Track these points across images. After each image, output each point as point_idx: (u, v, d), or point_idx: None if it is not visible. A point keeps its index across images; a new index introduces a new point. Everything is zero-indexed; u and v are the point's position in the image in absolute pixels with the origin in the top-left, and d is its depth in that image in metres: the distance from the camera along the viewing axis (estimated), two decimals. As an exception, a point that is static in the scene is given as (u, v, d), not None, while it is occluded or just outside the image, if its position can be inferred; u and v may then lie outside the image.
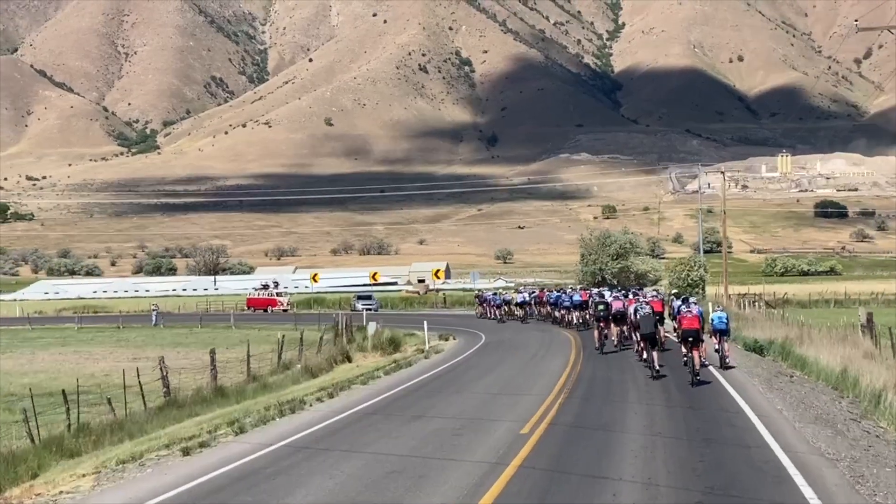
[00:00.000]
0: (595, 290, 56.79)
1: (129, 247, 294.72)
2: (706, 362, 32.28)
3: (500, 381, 33.40)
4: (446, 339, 53.91)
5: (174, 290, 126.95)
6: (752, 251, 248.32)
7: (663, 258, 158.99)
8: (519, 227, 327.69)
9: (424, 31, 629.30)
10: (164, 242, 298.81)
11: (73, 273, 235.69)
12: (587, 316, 54.66)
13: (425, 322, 53.64)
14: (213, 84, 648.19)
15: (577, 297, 57.86)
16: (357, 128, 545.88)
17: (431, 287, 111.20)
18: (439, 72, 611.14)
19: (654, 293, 41.62)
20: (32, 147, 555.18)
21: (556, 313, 62.40)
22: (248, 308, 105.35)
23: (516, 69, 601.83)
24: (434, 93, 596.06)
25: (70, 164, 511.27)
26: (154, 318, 78.40)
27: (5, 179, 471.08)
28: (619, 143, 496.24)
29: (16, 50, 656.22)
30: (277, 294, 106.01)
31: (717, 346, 34.80)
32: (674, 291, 52.39)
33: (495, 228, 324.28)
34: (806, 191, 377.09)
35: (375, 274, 78.66)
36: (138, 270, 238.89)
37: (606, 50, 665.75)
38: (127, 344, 58.60)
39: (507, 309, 73.56)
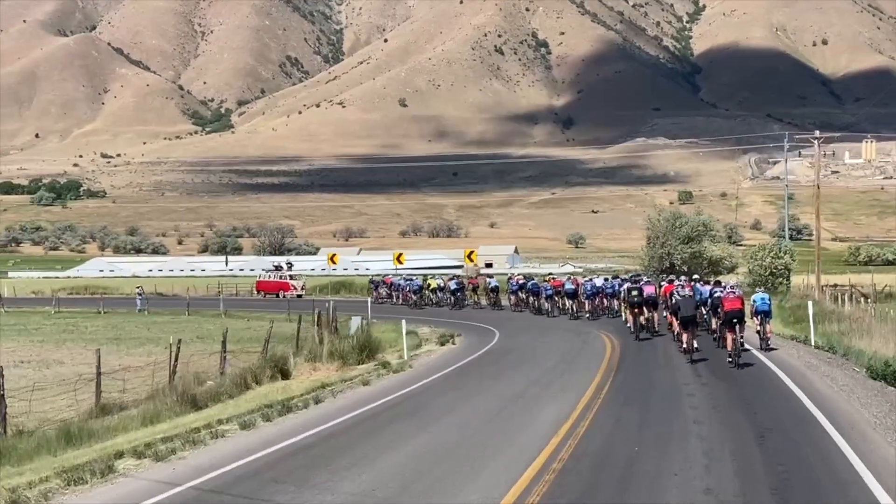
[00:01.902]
0: (623, 277, 54.68)
1: (198, 226, 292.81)
2: (746, 345, 32.30)
3: (469, 426, 21.04)
4: (445, 342, 40.32)
5: (231, 269, 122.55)
6: (833, 239, 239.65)
7: (740, 245, 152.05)
8: (592, 211, 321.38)
9: (501, 12, 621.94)
10: (233, 222, 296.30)
11: (138, 251, 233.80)
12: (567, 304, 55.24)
13: (429, 323, 47.37)
14: (288, 64, 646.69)
15: (569, 286, 55.43)
16: (431, 109, 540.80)
17: (482, 272, 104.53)
18: (515, 53, 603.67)
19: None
20: (108, 125, 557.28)
21: (539, 301, 59.12)
22: (258, 292, 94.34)
23: (594, 51, 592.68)
24: (510, 74, 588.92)
25: (144, 143, 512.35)
26: (138, 302, 70.76)
27: (80, 157, 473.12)
28: (698, 127, 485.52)
29: (94, 28, 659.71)
30: (291, 277, 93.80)
31: (758, 328, 34.33)
32: (694, 276, 45.67)
33: (568, 213, 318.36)
34: (891, 178, 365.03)
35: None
36: (204, 249, 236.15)
37: (686, 32, 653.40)
38: (72, 335, 49.62)
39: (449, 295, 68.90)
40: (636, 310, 39.56)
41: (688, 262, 71.07)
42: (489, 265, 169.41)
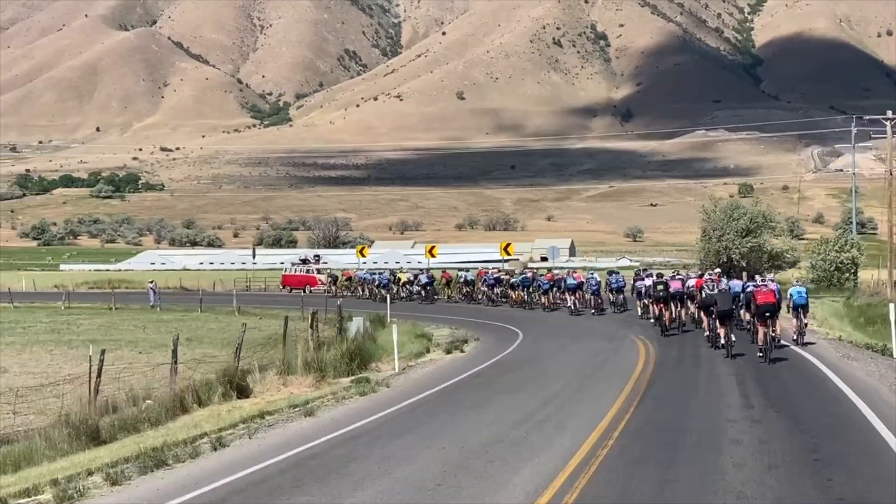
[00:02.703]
0: (642, 272, 51.19)
1: (254, 218, 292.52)
2: (780, 339, 31.56)
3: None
4: (453, 349, 34.94)
5: (281, 262, 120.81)
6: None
7: (802, 238, 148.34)
8: (651, 204, 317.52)
9: (559, 5, 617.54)
10: (289, 215, 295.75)
11: (194, 244, 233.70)
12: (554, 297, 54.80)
13: (423, 325, 43.44)
14: (347, 57, 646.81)
15: (571, 280, 53.25)
16: (489, 102, 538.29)
17: (529, 265, 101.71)
18: (574, 46, 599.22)
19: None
20: (168, 118, 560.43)
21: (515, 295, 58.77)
22: (283, 287, 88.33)
23: (654, 44, 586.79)
24: (568, 67, 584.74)
25: (203, 136, 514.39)
26: (151, 297, 67.12)
27: (140, 150, 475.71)
28: (759, 119, 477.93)
29: (154, 22, 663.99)
30: (318, 271, 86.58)
31: (795, 323, 33.39)
32: (716, 270, 43.09)
33: (626, 206, 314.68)
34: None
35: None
36: (259, 242, 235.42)
37: (748, 24, 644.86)
38: (55, 336, 46.61)
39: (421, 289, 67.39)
40: (661, 305, 38.69)
41: (746, 255, 67.86)
42: (545, 259, 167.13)
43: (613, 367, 29.01)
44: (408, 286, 68.91)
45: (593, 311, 51.23)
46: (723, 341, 30.87)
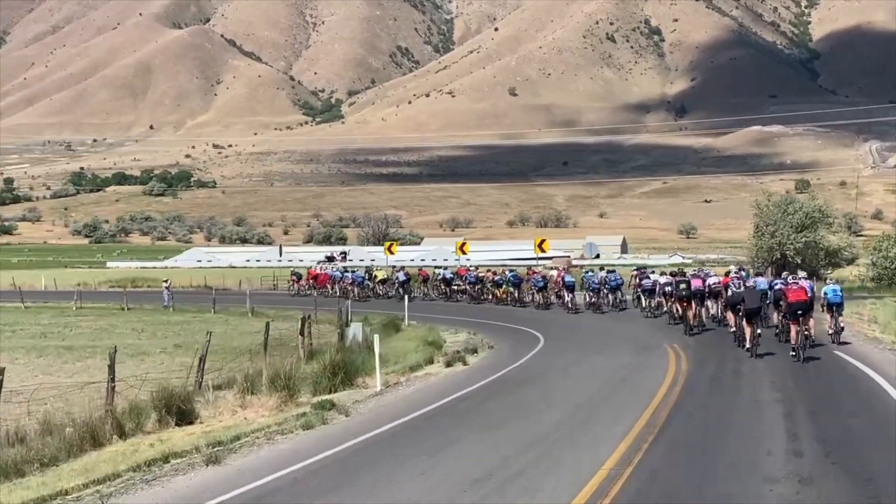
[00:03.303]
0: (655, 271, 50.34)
1: (305, 215, 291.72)
2: (815, 339, 30.27)
3: None
4: (455, 361, 30.43)
5: (373, 260, 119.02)
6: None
7: (860, 235, 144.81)
8: (705, 200, 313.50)
9: (612, 0, 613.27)
10: (340, 212, 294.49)
11: (244, 241, 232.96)
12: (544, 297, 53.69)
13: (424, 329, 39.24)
14: (399, 54, 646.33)
15: (569, 278, 51.86)
16: (541, 98, 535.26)
17: (574, 263, 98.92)
18: (627, 41, 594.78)
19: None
20: (220, 116, 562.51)
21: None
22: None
23: (709, 38, 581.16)
24: (621, 62, 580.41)
25: (255, 133, 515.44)
26: (165, 297, 64.27)
27: (193, 147, 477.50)
28: (816, 114, 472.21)
29: (208, 20, 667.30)
30: (345, 269, 79.79)
31: (831, 322, 32.24)
32: (746, 267, 41.01)
33: (680, 202, 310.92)
34: None
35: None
36: (309, 240, 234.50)
37: (805, 17, 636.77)
38: (39, 340, 43.40)
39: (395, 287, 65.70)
40: (685, 303, 37.51)
41: (802, 252, 64.97)
42: (597, 256, 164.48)
43: (632, 390, 23.78)
44: (383, 284, 67.28)
45: (592, 309, 49.92)
46: (748, 341, 29.78)
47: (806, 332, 28.53)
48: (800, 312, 28.26)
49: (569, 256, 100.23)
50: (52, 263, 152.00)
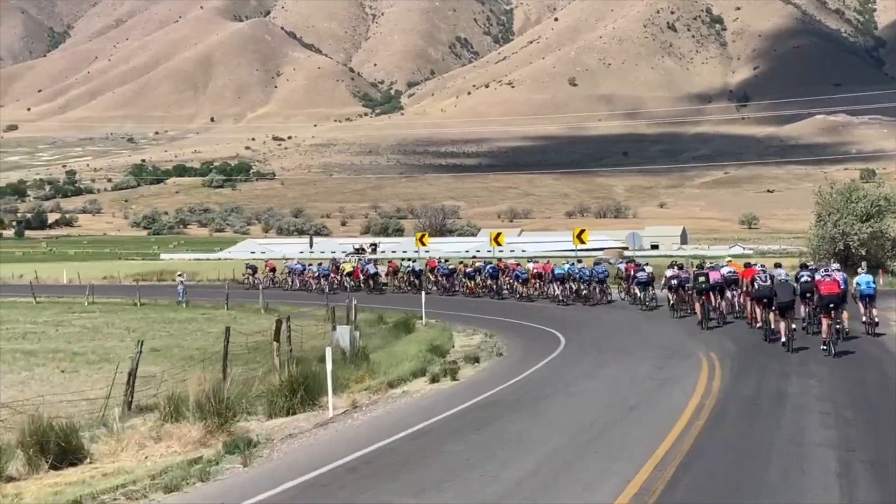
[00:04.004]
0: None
1: (363, 207, 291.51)
2: (848, 331, 29.70)
3: None
4: (443, 377, 25.09)
5: (405, 251, 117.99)
6: None
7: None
8: (768, 190, 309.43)
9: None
10: (398, 203, 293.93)
11: (301, 232, 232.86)
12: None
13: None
14: (458, 45, 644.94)
15: (559, 270, 50.81)
16: (601, 88, 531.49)
17: (627, 254, 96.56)
18: (688, 30, 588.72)
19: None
20: (280, 108, 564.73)
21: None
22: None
23: (772, 27, 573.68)
24: (682, 52, 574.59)
25: (315, 125, 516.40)
26: (179, 292, 61.05)
27: (253, 139, 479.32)
28: (882, 103, 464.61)
29: (268, 13, 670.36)
30: (375, 262, 75.15)
31: (864, 314, 31.04)
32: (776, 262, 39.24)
33: (742, 192, 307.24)
34: None
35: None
36: (366, 231, 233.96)
37: (870, 5, 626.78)
38: (18, 341, 40.25)
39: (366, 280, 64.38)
40: (705, 296, 36.16)
41: (866, 243, 62.45)
42: (655, 247, 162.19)
43: (644, 419, 18.47)
44: (349, 277, 65.83)
45: (571, 301, 48.94)
46: (783, 335, 28.81)
47: (838, 326, 28.08)
48: (832, 305, 27.60)
49: (620, 247, 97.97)
50: (108, 255, 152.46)
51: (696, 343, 30.57)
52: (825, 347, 27.00)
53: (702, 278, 36.30)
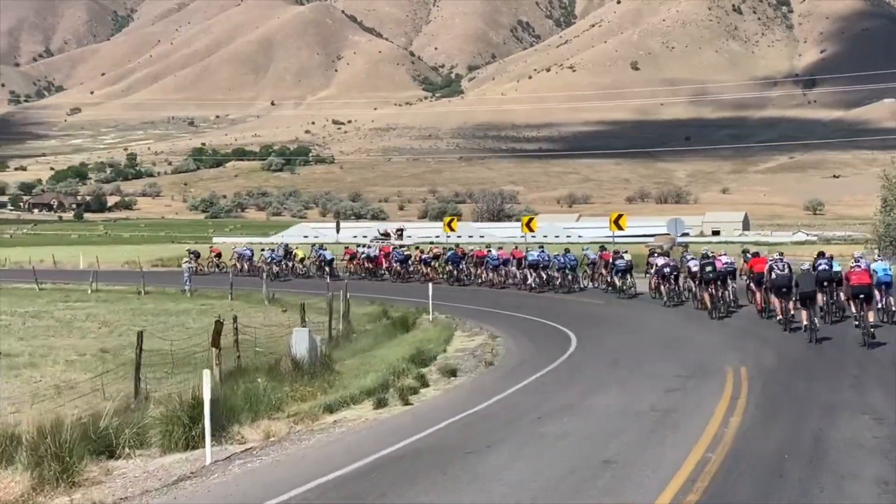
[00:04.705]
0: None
1: (421, 191, 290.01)
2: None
3: None
4: (391, 401, 19.91)
5: (437, 236, 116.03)
6: None
7: None
8: (834, 176, 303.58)
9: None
10: (457, 187, 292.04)
11: (358, 217, 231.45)
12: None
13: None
14: (520, 28, 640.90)
15: (532, 256, 49.70)
16: (664, 72, 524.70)
17: (678, 241, 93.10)
18: (754, 13, 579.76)
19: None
20: (340, 92, 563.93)
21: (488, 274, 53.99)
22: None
23: (840, 9, 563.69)
24: (748, 35, 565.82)
25: (375, 109, 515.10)
26: (185, 279, 56.29)
27: (313, 123, 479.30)
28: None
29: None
30: (402, 247, 71.44)
31: (881, 302, 30.18)
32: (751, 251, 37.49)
33: (807, 178, 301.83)
34: None
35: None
36: (423, 215, 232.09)
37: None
38: None
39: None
40: (713, 286, 34.98)
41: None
42: (716, 233, 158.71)
43: (612, 489, 12.84)
44: (303, 263, 64.85)
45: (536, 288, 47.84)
46: (804, 326, 27.95)
47: (871, 318, 27.16)
48: (862, 296, 27.34)
49: (667, 234, 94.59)
50: (162, 239, 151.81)
51: (730, 353, 25.20)
52: (863, 331, 26.23)
53: (709, 267, 35.04)
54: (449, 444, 15.82)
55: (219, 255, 73.03)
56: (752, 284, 35.40)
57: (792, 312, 29.34)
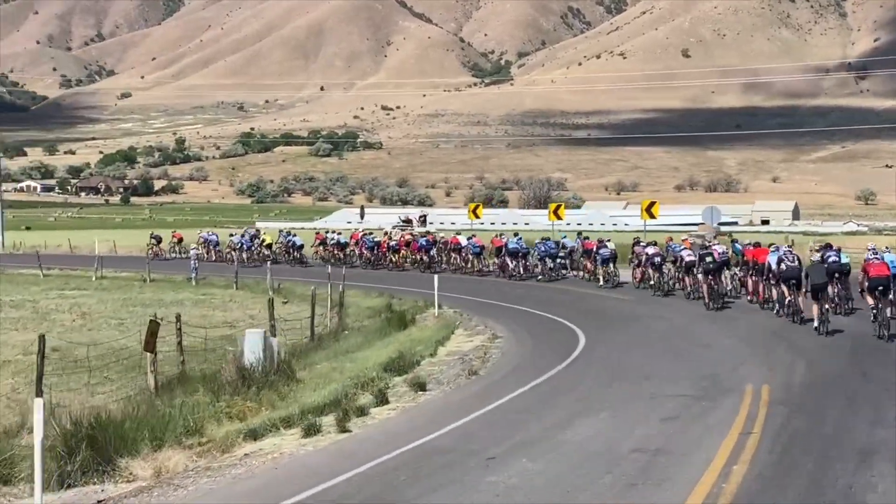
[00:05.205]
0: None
1: (468, 178, 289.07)
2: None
3: None
4: (335, 428, 15.89)
5: (482, 223, 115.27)
6: None
7: None
8: (887, 166, 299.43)
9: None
10: (504, 174, 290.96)
11: (405, 202, 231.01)
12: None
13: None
14: (570, 14, 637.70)
15: (512, 244, 48.53)
16: (715, 60, 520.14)
17: (722, 231, 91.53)
18: (807, 0, 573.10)
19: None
20: (390, 77, 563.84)
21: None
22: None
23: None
24: (800, 22, 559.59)
25: (424, 95, 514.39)
26: (192, 267, 54.33)
27: (362, 109, 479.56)
28: None
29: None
30: (417, 235, 64.78)
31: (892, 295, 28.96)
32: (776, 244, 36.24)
33: (860, 167, 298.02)
34: None
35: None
36: (470, 201, 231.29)
37: None
38: None
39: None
40: (711, 277, 34.43)
41: None
42: (766, 222, 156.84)
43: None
44: (270, 249, 64.07)
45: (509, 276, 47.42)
46: (815, 319, 27.23)
47: (889, 308, 26.81)
48: (881, 288, 26.44)
49: (705, 223, 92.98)
50: (206, 223, 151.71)
51: (756, 365, 21.27)
52: (873, 323, 25.85)
53: (708, 258, 34.50)
54: (354, 500, 11.79)
55: (180, 241, 73.37)
56: (752, 275, 34.85)
57: (800, 306, 28.63)
